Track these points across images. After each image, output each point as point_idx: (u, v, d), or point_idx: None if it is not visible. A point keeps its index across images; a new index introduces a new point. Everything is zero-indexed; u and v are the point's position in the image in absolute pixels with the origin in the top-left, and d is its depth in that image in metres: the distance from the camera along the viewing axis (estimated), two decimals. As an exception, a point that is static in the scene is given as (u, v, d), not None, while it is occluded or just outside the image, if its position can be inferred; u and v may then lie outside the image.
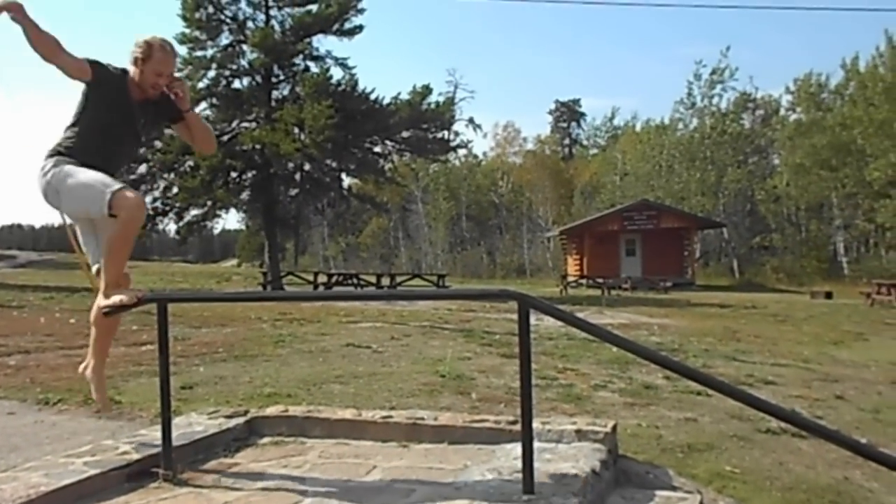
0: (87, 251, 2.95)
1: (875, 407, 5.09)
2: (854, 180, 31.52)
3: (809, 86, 37.19)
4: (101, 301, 2.81)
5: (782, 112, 40.38)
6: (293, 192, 23.68)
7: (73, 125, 2.81)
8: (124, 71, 2.79)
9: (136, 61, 2.75)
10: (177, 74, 2.89)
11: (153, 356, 4.29)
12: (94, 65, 2.69)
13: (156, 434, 3.00)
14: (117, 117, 2.78)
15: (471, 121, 52.21)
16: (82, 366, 3.08)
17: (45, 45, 2.52)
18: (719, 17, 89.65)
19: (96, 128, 2.78)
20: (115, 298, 2.74)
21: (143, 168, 21.92)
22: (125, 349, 6.76)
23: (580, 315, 12.57)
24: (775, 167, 38.87)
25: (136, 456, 2.93)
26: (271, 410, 3.77)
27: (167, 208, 22.49)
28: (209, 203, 22.03)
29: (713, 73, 38.99)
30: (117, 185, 2.64)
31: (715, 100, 39.69)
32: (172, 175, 22.06)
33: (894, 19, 55.40)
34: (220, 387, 5.09)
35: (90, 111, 2.77)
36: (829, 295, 20.76)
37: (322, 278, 21.37)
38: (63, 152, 2.77)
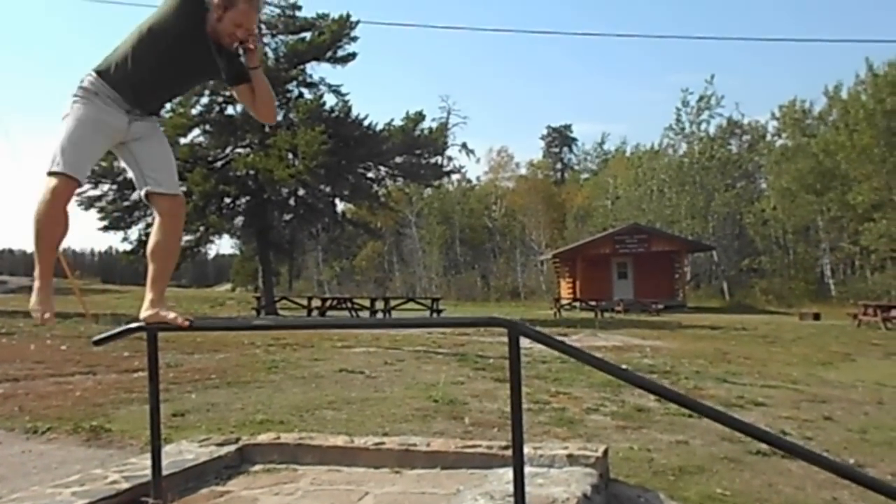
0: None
1: (862, 427, 5.13)
2: (839, 204, 31.98)
3: (794, 112, 37.91)
4: (149, 313, 2.59)
5: (768, 137, 41.10)
6: (287, 217, 23.71)
7: (135, 34, 2.44)
8: (206, 8, 2.43)
9: (217, 6, 2.41)
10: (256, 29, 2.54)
11: (145, 383, 4.26)
12: None
13: (146, 462, 2.98)
14: (184, 45, 2.40)
15: (464, 146, 53.03)
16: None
17: None
18: (705, 46, 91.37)
19: (157, 51, 2.40)
20: (172, 315, 2.59)
21: (136, 195, 21.91)
22: (116, 376, 6.72)
23: (574, 338, 12.68)
24: (763, 191, 39.38)
25: (125, 485, 2.90)
26: (263, 438, 3.76)
27: None
28: (202, 229, 21.95)
29: (700, 100, 39.75)
30: (57, 168, 2.32)
31: (703, 126, 40.38)
32: None
33: (874, 48, 56.81)
34: (211, 414, 5.07)
35: (157, 30, 2.39)
36: (817, 316, 20.93)
37: (316, 303, 21.21)
38: (104, 70, 2.42)
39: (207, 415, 5.03)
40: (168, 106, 22.69)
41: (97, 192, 22.19)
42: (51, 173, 2.33)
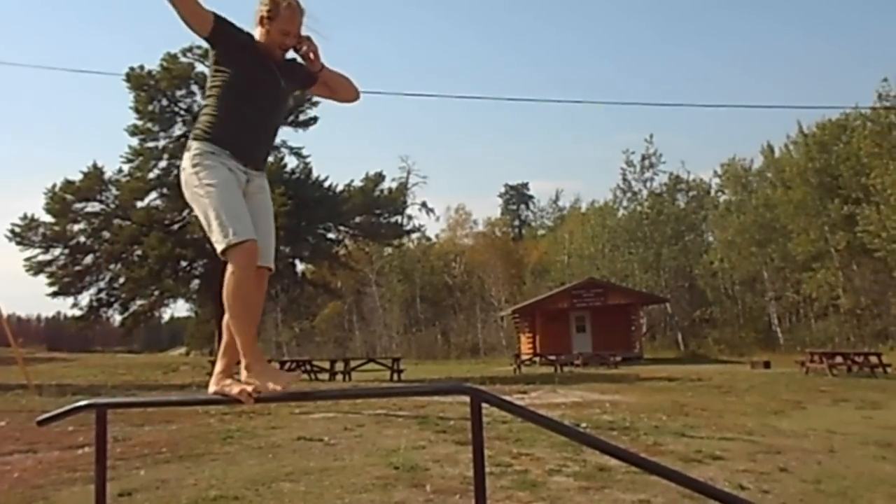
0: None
1: (816, 477, 5.23)
2: (780, 255, 33.49)
3: (735, 169, 39.92)
4: (215, 388, 2.38)
5: (712, 193, 42.94)
6: None
7: (208, 98, 2.46)
8: (250, 34, 2.46)
9: (261, 20, 2.43)
10: (304, 32, 2.50)
11: (90, 460, 4.07)
12: (218, 17, 2.35)
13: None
14: (254, 78, 2.42)
15: (423, 205, 53.79)
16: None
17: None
18: (652, 108, 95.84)
19: (237, 95, 2.40)
20: (236, 390, 2.31)
21: (88, 259, 21.48)
22: (59, 453, 6.37)
23: (534, 395, 12.66)
24: (710, 244, 40.82)
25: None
26: (217, 515, 3.61)
27: (112, 299, 21.94)
28: (157, 293, 21.50)
29: (643, 159, 41.48)
30: (236, 238, 2.28)
31: (649, 183, 42.00)
32: (119, 265, 21.63)
33: (804, 113, 61.01)
34: (161, 492, 4.84)
35: (223, 77, 2.41)
36: (767, 364, 21.44)
37: (274, 366, 20.75)
38: (202, 135, 2.41)
39: (157, 493, 4.80)
40: (125, 169, 22.68)
41: (48, 257, 21.62)
42: (225, 251, 2.30)
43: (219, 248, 2.33)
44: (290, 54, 2.55)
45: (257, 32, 2.46)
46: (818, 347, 23.52)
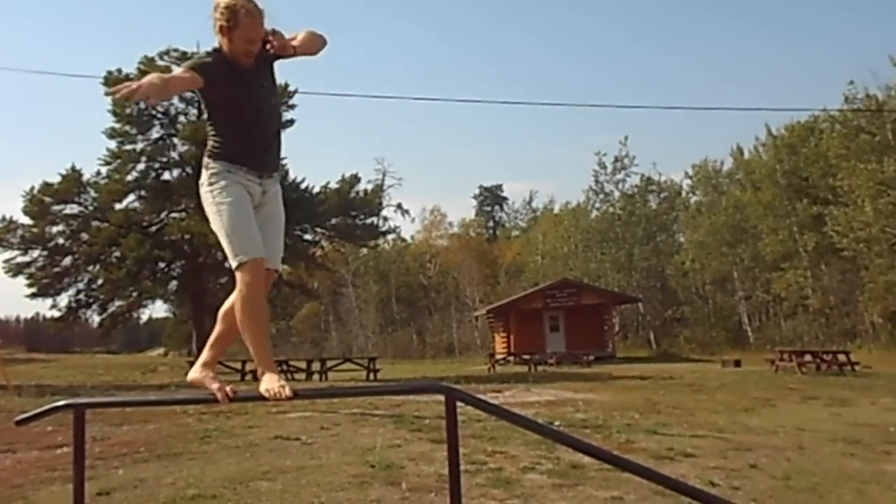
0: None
1: (786, 474, 5.37)
2: (750, 255, 34.12)
3: (706, 171, 40.57)
4: (195, 376, 2.50)
5: (683, 194, 43.57)
6: (222, 280, 23.70)
7: (208, 120, 2.56)
8: (216, 49, 2.46)
9: (221, 29, 2.40)
10: (266, 27, 2.46)
11: (68, 459, 4.03)
12: (198, 69, 2.38)
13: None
14: (240, 96, 2.46)
15: (399, 206, 53.80)
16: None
17: (170, 90, 2.41)
18: (625, 109, 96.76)
19: (229, 116, 2.50)
20: (216, 385, 2.43)
21: (67, 260, 21.35)
22: (38, 453, 6.30)
23: (508, 394, 12.74)
24: (681, 244, 41.43)
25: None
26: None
27: (90, 300, 22.09)
28: (135, 294, 21.54)
29: (615, 161, 41.92)
30: (245, 258, 2.39)
31: (621, 185, 42.45)
32: (97, 267, 21.76)
33: (773, 115, 62.22)
34: (140, 491, 4.82)
35: (214, 104, 2.51)
36: (737, 363, 21.83)
37: (251, 366, 20.63)
38: (215, 154, 2.50)
39: (135, 492, 4.77)
40: (103, 171, 22.51)
41: (26, 259, 21.72)
42: (236, 268, 2.39)
43: (230, 264, 2.45)
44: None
45: (219, 41, 2.43)
46: (788, 346, 23.97)
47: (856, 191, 26.21)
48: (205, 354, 2.55)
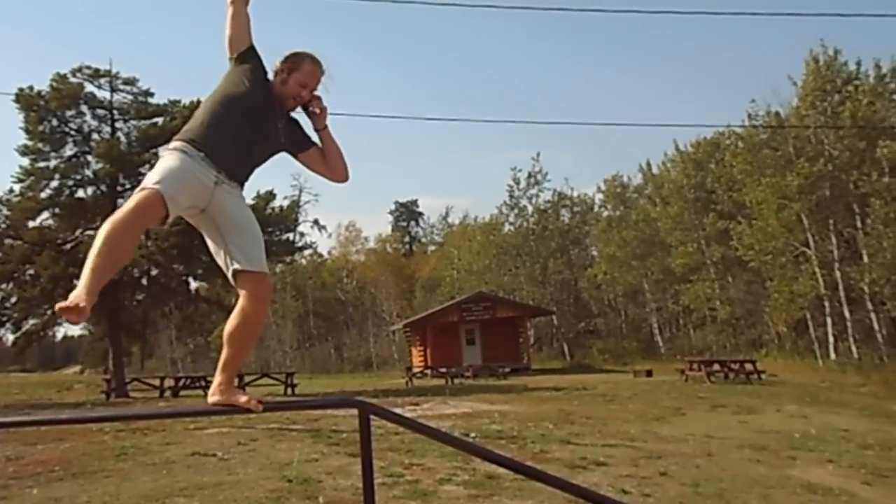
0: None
1: (695, 480, 5.44)
2: (660, 268, 35.57)
3: (616, 186, 42.13)
4: (216, 398, 2.35)
5: (595, 209, 45.08)
6: (139, 297, 23.48)
7: (203, 104, 2.39)
8: (266, 73, 2.43)
9: (282, 70, 2.41)
10: (317, 93, 2.47)
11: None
12: (253, 47, 2.38)
13: None
14: (257, 102, 2.34)
15: (315, 222, 53.21)
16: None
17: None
18: (539, 125, 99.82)
19: (229, 111, 2.31)
20: (244, 398, 2.32)
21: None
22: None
23: (425, 406, 12.54)
24: (594, 258, 42.74)
25: None
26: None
27: (4, 319, 21.52)
28: (50, 312, 20.81)
29: (529, 176, 42.94)
30: (151, 185, 2.07)
31: (534, 199, 43.47)
32: (11, 285, 21.41)
33: (680, 131, 65.44)
34: (46, 513, 4.41)
35: (226, 87, 2.35)
36: (649, 373, 22.55)
37: (169, 383, 20.34)
38: (181, 135, 2.27)
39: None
40: (16, 189, 21.42)
41: None
42: (142, 189, 2.06)
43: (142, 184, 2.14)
44: (297, 112, 2.49)
45: (273, 78, 2.43)
46: (697, 356, 24.90)
47: (760, 204, 27.32)
48: (219, 378, 2.38)
